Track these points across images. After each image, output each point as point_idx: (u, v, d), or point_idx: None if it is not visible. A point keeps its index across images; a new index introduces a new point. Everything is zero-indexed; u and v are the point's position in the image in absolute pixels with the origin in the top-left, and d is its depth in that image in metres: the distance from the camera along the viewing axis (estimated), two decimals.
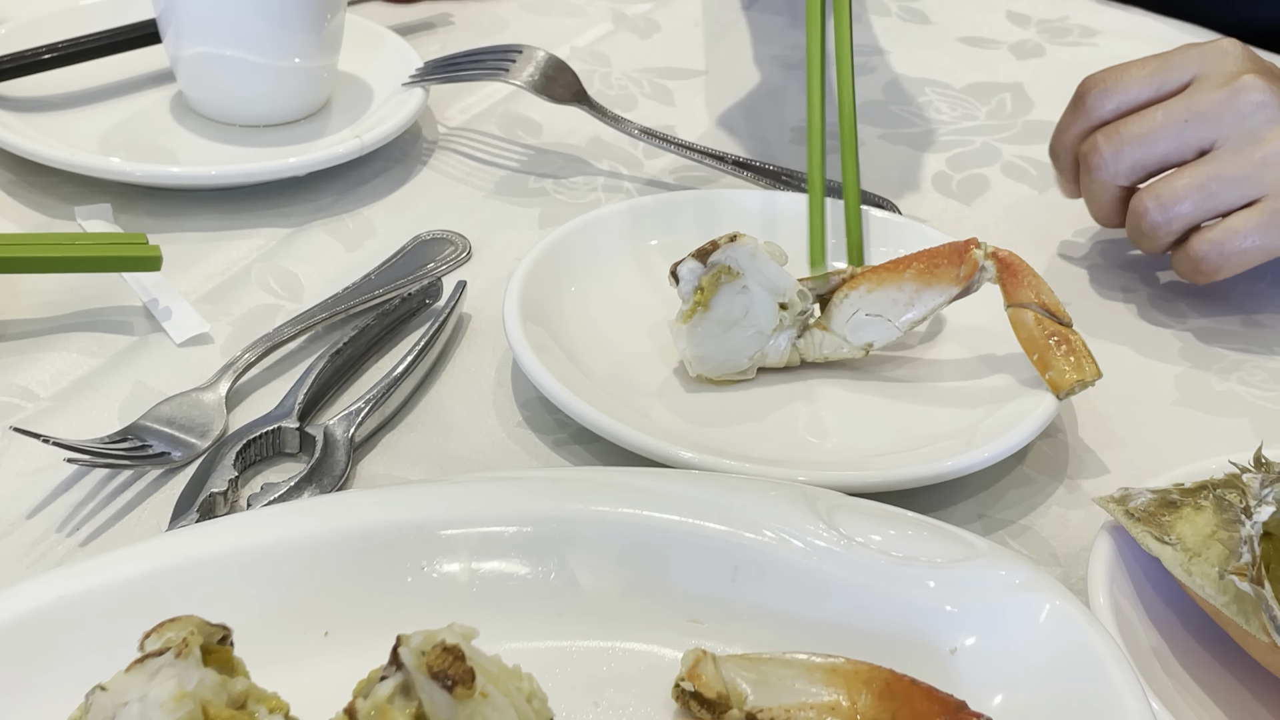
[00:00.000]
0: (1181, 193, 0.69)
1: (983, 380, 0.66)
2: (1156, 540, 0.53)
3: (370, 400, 0.62)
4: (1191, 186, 0.69)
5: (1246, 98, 0.69)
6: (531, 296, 0.66)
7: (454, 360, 0.67)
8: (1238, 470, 0.53)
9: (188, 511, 0.56)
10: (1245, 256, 0.69)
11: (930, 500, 0.61)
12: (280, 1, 0.78)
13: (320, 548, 0.51)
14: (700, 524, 0.53)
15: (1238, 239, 0.69)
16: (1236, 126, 0.69)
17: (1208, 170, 0.69)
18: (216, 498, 0.57)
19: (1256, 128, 0.68)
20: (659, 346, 0.67)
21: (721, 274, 0.63)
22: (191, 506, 0.56)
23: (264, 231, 0.75)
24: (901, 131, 0.89)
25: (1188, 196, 0.69)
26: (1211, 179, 0.69)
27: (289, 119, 0.82)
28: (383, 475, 0.61)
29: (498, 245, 0.76)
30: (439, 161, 0.83)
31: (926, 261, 0.65)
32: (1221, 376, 0.70)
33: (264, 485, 0.58)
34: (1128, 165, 0.71)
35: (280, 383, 0.65)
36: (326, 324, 0.67)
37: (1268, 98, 0.69)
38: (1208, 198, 0.69)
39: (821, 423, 0.64)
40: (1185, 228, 0.70)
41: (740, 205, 0.74)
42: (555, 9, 1.01)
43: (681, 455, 0.58)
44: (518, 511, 0.53)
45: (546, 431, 0.63)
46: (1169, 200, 0.70)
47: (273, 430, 0.60)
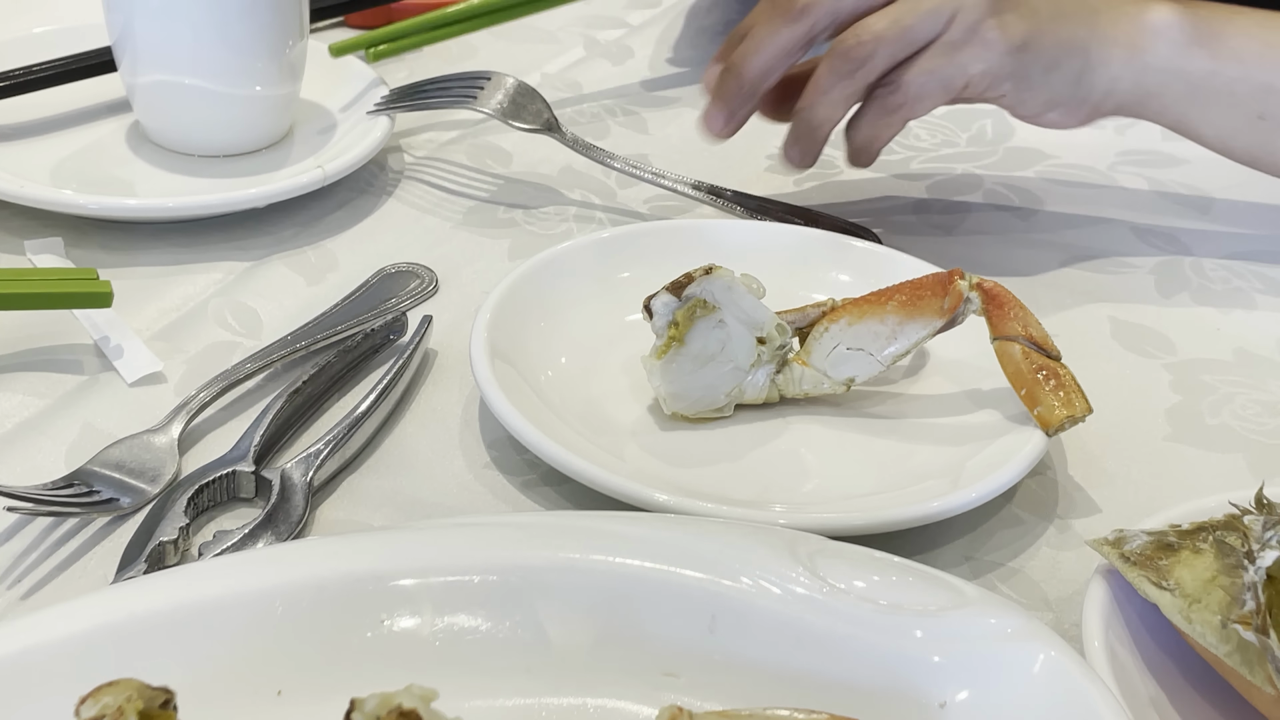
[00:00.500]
0: (879, 25, 0.70)
1: (969, 416, 0.63)
2: (1154, 585, 0.50)
3: (330, 441, 0.59)
4: (890, 20, 0.70)
5: None
6: (500, 331, 0.64)
7: (419, 399, 0.65)
8: (1238, 511, 0.51)
9: (135, 561, 0.53)
10: (925, 89, 0.70)
11: (916, 542, 0.59)
12: (240, 28, 0.76)
13: (273, 601, 0.48)
14: (676, 571, 0.50)
15: (915, 74, 0.70)
16: None
17: (902, 6, 0.70)
18: (166, 546, 0.54)
19: None
20: (633, 383, 0.64)
21: (697, 308, 0.61)
22: (140, 556, 0.54)
23: (222, 265, 0.73)
24: (881, 159, 0.86)
25: (888, 29, 0.70)
26: (907, 12, 0.70)
27: (249, 149, 0.79)
28: (343, 520, 0.58)
29: (465, 278, 0.73)
30: (405, 192, 0.80)
31: (909, 293, 0.63)
32: (1214, 410, 0.68)
33: (217, 533, 0.55)
34: (825, 13, 0.71)
35: (236, 424, 0.62)
36: (285, 361, 0.65)
37: None
38: (903, 31, 0.70)
39: (802, 462, 0.62)
40: (888, 62, 0.70)
41: (716, 236, 0.72)
42: (526, 35, 0.99)
43: (656, 497, 0.56)
44: (483, 560, 0.50)
45: (515, 473, 0.61)
46: (867, 35, 0.70)
47: (227, 474, 0.58)
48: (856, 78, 0.71)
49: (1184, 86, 0.74)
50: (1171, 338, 0.73)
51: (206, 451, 0.60)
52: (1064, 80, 0.73)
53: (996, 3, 0.71)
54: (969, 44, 0.70)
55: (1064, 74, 0.73)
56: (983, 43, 0.70)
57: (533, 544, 0.51)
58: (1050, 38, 0.72)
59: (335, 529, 0.57)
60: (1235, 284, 0.77)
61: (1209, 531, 0.51)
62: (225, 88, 0.77)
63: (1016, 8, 0.71)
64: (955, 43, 0.70)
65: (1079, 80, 0.73)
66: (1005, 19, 0.71)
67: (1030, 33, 0.71)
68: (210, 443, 0.61)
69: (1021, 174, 0.86)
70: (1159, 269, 0.78)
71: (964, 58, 0.70)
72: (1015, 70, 0.71)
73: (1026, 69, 0.72)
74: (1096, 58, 0.73)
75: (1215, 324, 0.74)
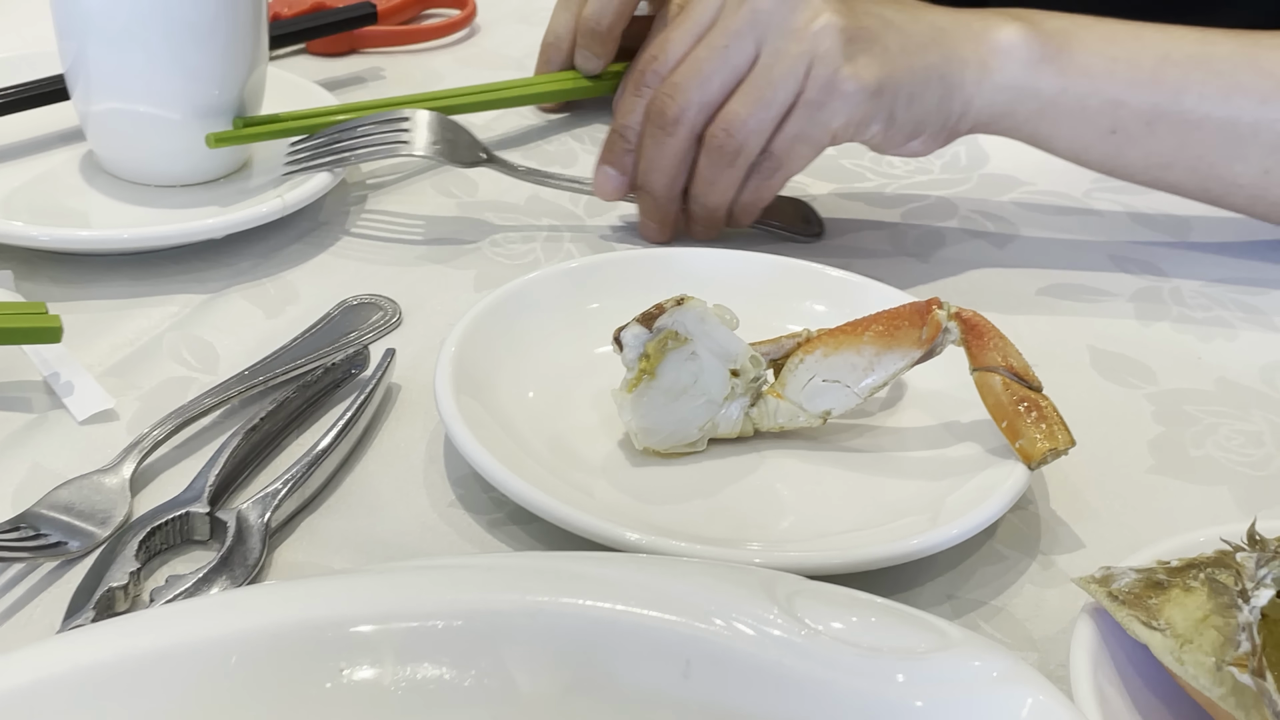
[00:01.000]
0: (742, 114, 0.71)
1: (948, 450, 0.62)
2: (1144, 625, 0.49)
3: (289, 480, 0.57)
4: (750, 100, 0.71)
5: (759, 5, 0.71)
6: (465, 365, 0.62)
7: (381, 435, 0.63)
8: (1230, 548, 0.49)
9: (83, 609, 0.51)
10: (795, 152, 0.72)
11: (896, 580, 0.57)
12: (197, 55, 0.74)
13: (228, 650, 0.46)
14: (649, 615, 0.48)
15: (783, 142, 0.71)
16: (768, 28, 0.71)
17: (757, 80, 0.71)
18: (116, 592, 0.52)
19: (787, 26, 0.71)
20: (603, 418, 0.62)
21: (668, 339, 0.59)
22: (88, 603, 0.51)
23: (178, 298, 0.70)
24: (854, 187, 0.85)
25: (750, 114, 0.71)
26: (764, 86, 0.71)
27: (206, 178, 0.77)
28: (302, 563, 0.56)
29: (429, 310, 0.71)
30: (367, 222, 0.78)
31: (886, 323, 0.61)
32: (1197, 442, 0.66)
33: (169, 578, 0.53)
34: (695, 109, 0.72)
35: (191, 462, 0.60)
36: (243, 397, 0.63)
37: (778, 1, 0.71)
38: (767, 106, 0.71)
39: (778, 498, 0.60)
40: (761, 144, 0.72)
41: (687, 265, 0.70)
42: (491, 60, 0.97)
43: (627, 537, 0.54)
44: (448, 604, 0.48)
45: (481, 511, 0.59)
46: (736, 124, 0.71)
47: (180, 516, 0.55)
48: (737, 165, 0.73)
49: (1035, 104, 0.74)
50: (1152, 367, 0.71)
51: (159, 492, 0.58)
52: (925, 109, 0.73)
53: (848, 48, 0.70)
54: (828, 100, 0.71)
55: (925, 103, 0.73)
56: (840, 95, 0.70)
57: (499, 587, 0.49)
58: (905, 73, 0.72)
59: (293, 572, 0.55)
60: (1216, 311, 0.75)
61: (1200, 568, 0.50)
62: (181, 116, 0.75)
63: (868, 49, 0.71)
64: (814, 102, 0.71)
65: (938, 107, 0.73)
66: (858, 65, 0.70)
67: (884, 74, 0.71)
68: (163, 483, 0.59)
69: (997, 200, 0.85)
70: (1138, 296, 0.76)
71: (825, 115, 0.71)
72: (877, 113, 0.72)
73: (888, 108, 0.72)
74: (953, 81, 0.73)
75: (1196, 353, 0.72)
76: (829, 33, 0.70)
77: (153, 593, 0.52)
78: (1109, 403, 0.69)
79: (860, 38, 0.71)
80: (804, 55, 0.70)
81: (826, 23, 0.70)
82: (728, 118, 0.72)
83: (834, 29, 0.70)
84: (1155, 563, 0.52)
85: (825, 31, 0.70)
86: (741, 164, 0.73)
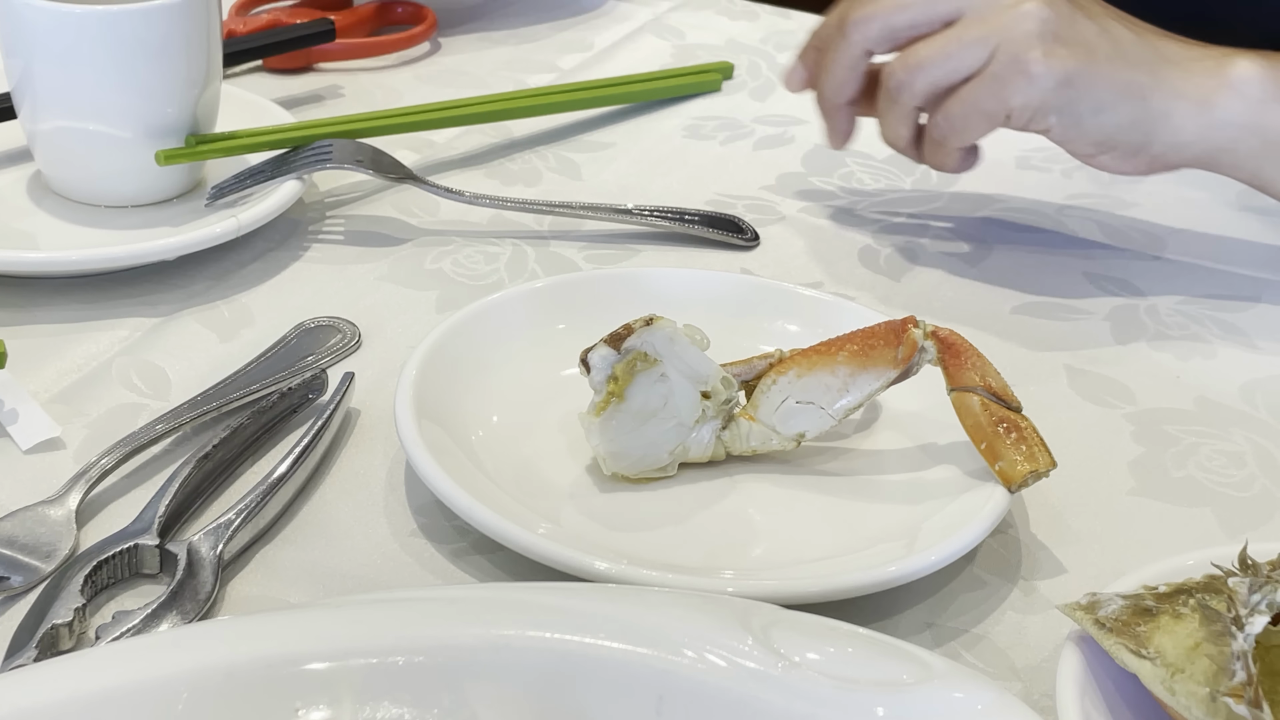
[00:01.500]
0: (922, 53, 0.72)
1: (926, 473, 0.60)
2: (1132, 654, 0.47)
3: (243, 510, 0.55)
4: (932, 48, 0.72)
5: None
6: (427, 389, 0.60)
7: (340, 462, 0.61)
8: (1220, 573, 0.47)
9: (25, 647, 0.49)
10: (968, 120, 0.72)
11: (874, 608, 0.55)
12: (148, 72, 0.72)
13: (177, 690, 0.44)
14: (619, 648, 0.46)
15: (959, 104, 0.71)
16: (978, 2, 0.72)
17: (947, 34, 0.71)
18: (60, 630, 0.49)
19: (995, 2, 0.71)
20: (569, 442, 0.60)
21: (637, 361, 0.57)
22: (30, 641, 0.49)
23: (128, 322, 0.68)
24: (823, 204, 0.83)
25: (928, 56, 0.72)
26: (950, 39, 0.71)
27: (158, 199, 0.75)
28: (256, 597, 0.54)
29: (390, 332, 0.69)
30: (325, 243, 0.76)
31: (861, 343, 0.60)
32: (1178, 463, 0.65)
33: (116, 614, 0.51)
34: (878, 28, 0.74)
35: (140, 493, 0.57)
36: (195, 424, 0.60)
37: None
38: (946, 57, 0.71)
39: (751, 524, 0.58)
40: (928, 89, 0.72)
41: (655, 286, 0.68)
42: (454, 79, 0.95)
43: (596, 566, 0.52)
44: (410, 639, 0.46)
45: (444, 541, 0.57)
46: (912, 61, 0.72)
47: (129, 548, 0.53)
48: (900, 103, 0.73)
49: (1258, 142, 0.73)
50: (1130, 386, 0.70)
51: (107, 524, 0.56)
52: (1116, 124, 0.72)
53: (1047, 34, 0.70)
54: (1012, 76, 0.70)
55: (1116, 117, 0.71)
56: (1025, 75, 0.70)
57: (463, 620, 0.47)
58: (1102, 79, 0.71)
59: (247, 607, 0.53)
60: (1192, 329, 0.74)
61: (1189, 594, 0.48)
62: (131, 134, 0.73)
63: (1069, 42, 0.70)
64: (997, 75, 0.70)
65: (1134, 127, 0.72)
66: (1052, 51, 0.70)
67: (1078, 69, 0.70)
68: (111, 514, 0.57)
69: (969, 218, 0.83)
70: (1114, 314, 0.75)
71: (1006, 90, 0.70)
72: (1059, 105, 0.71)
73: (1072, 105, 0.71)
74: (1158, 109, 0.72)
75: (1174, 371, 0.71)
76: (1033, 17, 0.70)
77: (99, 630, 0.50)
78: (1087, 423, 0.67)
79: (1066, 32, 0.70)
80: (1001, 29, 0.70)
81: (1035, 8, 0.70)
82: (905, 54, 0.73)
83: (1038, 16, 0.70)
84: (1142, 588, 0.50)
85: (1030, 15, 0.70)
86: (905, 104, 0.73)
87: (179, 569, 0.52)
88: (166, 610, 0.51)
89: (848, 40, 0.75)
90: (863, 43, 0.74)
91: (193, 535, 0.54)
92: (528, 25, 1.04)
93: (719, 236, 0.78)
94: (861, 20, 0.74)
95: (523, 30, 1.03)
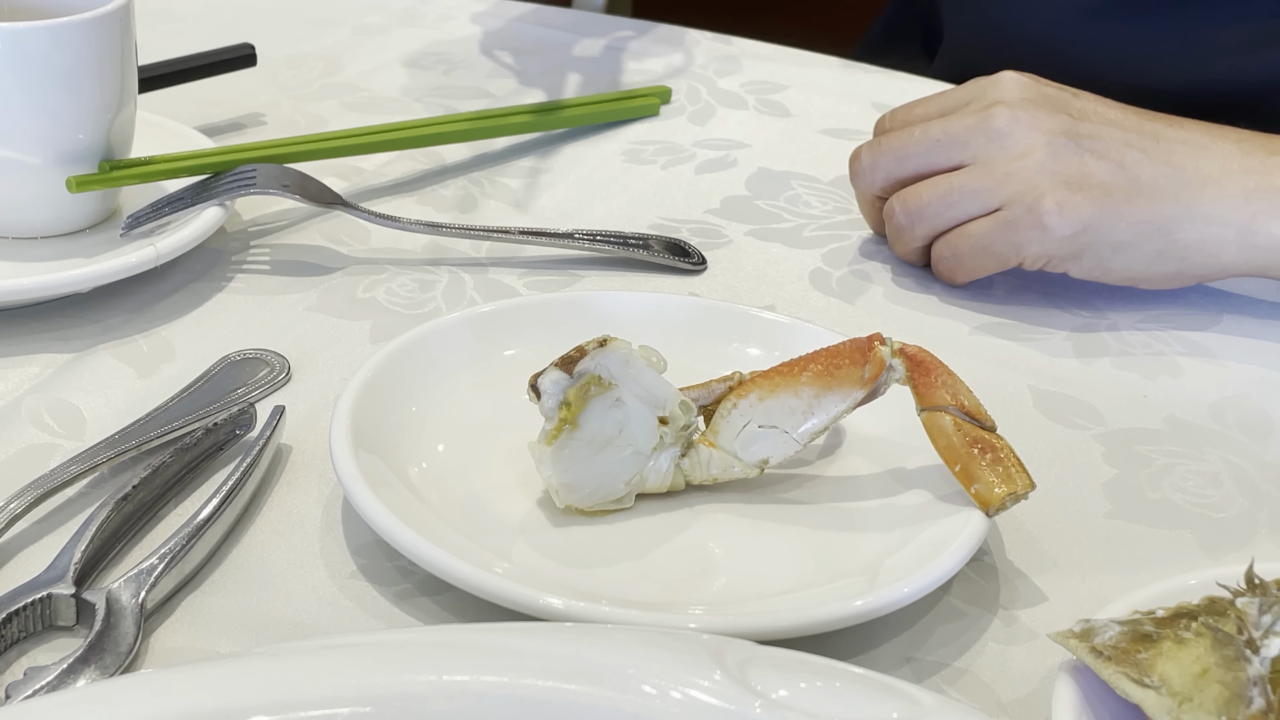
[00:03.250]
0: (925, 199, 0.73)
1: (898, 498, 0.57)
2: (1135, 683, 0.44)
3: (166, 555, 0.51)
4: (935, 194, 0.72)
5: (993, 124, 0.72)
6: (364, 421, 0.56)
7: (271, 501, 0.57)
8: (1227, 593, 0.44)
9: None
10: (976, 260, 0.72)
11: (848, 644, 0.52)
12: (59, 96, 0.68)
13: None
14: (584, 690, 0.43)
15: (969, 243, 0.72)
16: (984, 148, 0.72)
17: (951, 181, 0.72)
18: None
19: (1001, 150, 0.71)
20: (519, 474, 0.56)
21: (591, 385, 0.54)
22: None
23: (38, 359, 0.64)
24: (771, 227, 0.81)
25: (930, 203, 0.73)
26: (954, 189, 0.72)
27: (70, 229, 0.71)
28: (183, 648, 0.49)
29: (321, 364, 0.65)
30: (250, 272, 0.72)
31: (825, 363, 0.56)
32: (1153, 484, 0.62)
33: (28, 670, 0.46)
34: (881, 175, 0.75)
35: (54, 538, 0.53)
36: (113, 464, 0.56)
37: (1013, 125, 0.71)
38: (949, 206, 0.72)
39: (714, 557, 0.55)
40: (929, 233, 0.74)
41: (606, 309, 0.65)
42: (382, 106, 0.92)
43: (552, 604, 0.49)
44: (354, 688, 0.42)
45: (387, 583, 0.53)
46: (913, 205, 0.73)
47: (41, 598, 0.49)
48: (903, 240, 0.74)
49: None
50: (1098, 407, 0.67)
51: (18, 572, 0.52)
52: (1143, 260, 0.71)
53: (1059, 182, 0.69)
54: (1026, 227, 0.70)
55: (1141, 254, 0.71)
56: (1040, 227, 0.70)
57: (412, 666, 0.43)
58: (1122, 219, 0.70)
59: (174, 659, 0.49)
60: (1156, 347, 0.72)
61: (1191, 617, 0.45)
62: (41, 161, 0.68)
63: (1081, 187, 0.69)
64: (1010, 222, 0.70)
65: (1163, 259, 0.71)
66: (1066, 200, 0.69)
67: (1094, 214, 0.69)
68: (22, 562, 0.52)
69: None
70: (1076, 334, 0.72)
71: (1019, 238, 0.70)
72: (1076, 252, 0.71)
73: (1091, 250, 0.71)
74: (1190, 239, 0.70)
75: (1142, 391, 0.68)
76: (1044, 167, 0.70)
77: (9, 688, 0.46)
78: (1057, 445, 0.64)
79: (1077, 177, 0.70)
80: (1010, 178, 0.70)
81: (1045, 157, 0.70)
82: (906, 196, 0.73)
83: (1048, 166, 0.70)
84: (1138, 613, 0.47)
85: (1041, 165, 0.70)
86: (908, 241, 0.74)
87: (97, 620, 0.48)
88: (84, 665, 0.47)
89: (857, 186, 0.77)
90: (870, 190, 0.76)
91: (112, 583, 0.50)
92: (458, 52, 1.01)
93: (665, 260, 0.75)
94: (868, 169, 0.75)
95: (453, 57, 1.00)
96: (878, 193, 0.76)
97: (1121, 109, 0.73)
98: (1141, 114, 0.73)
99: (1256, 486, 0.62)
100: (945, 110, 0.74)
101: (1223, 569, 0.48)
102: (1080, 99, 0.73)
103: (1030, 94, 0.73)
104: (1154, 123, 0.72)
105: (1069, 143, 0.70)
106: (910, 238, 0.74)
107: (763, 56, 1.03)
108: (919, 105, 0.76)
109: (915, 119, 0.75)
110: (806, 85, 0.99)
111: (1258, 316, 0.75)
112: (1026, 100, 0.72)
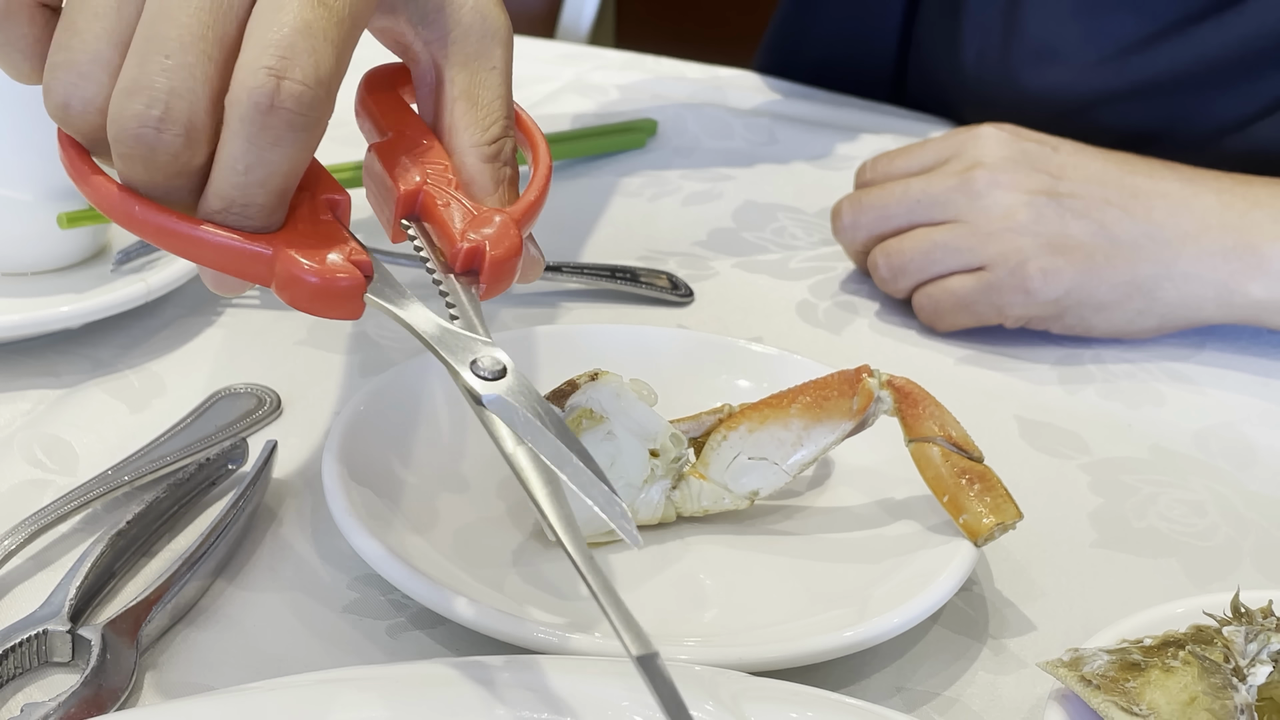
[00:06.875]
0: (907, 254, 0.73)
1: (887, 529, 0.57)
2: (1124, 711, 0.44)
3: (161, 590, 0.51)
4: (918, 250, 0.73)
5: (974, 187, 0.72)
6: (357, 454, 0.56)
7: (264, 535, 0.57)
8: (1214, 622, 0.45)
9: None
10: (957, 316, 0.73)
11: (839, 674, 0.52)
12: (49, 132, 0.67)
13: None
14: None
15: (951, 299, 0.73)
16: (965, 209, 0.72)
17: (934, 237, 0.73)
18: None
19: (984, 211, 0.72)
20: (510, 506, 0.57)
21: (582, 418, 0.54)
22: None
23: (30, 394, 0.64)
24: (757, 259, 0.81)
25: (913, 259, 0.73)
26: (937, 245, 0.73)
27: (61, 265, 0.71)
28: (177, 684, 0.49)
29: (313, 398, 0.65)
30: (240, 307, 0.72)
31: (813, 394, 0.57)
32: (1139, 513, 0.63)
33: (24, 706, 0.46)
34: (864, 232, 0.76)
35: (48, 575, 0.53)
36: (106, 500, 0.56)
37: (993, 189, 0.72)
38: (932, 262, 0.73)
39: (705, 588, 0.55)
40: (912, 285, 0.74)
41: (594, 343, 0.65)
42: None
43: (546, 637, 0.49)
44: None
45: (381, 616, 0.53)
46: (896, 260, 0.74)
47: (37, 634, 0.49)
48: (888, 288, 0.75)
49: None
50: (1083, 436, 0.68)
51: (12, 609, 0.52)
52: (1124, 318, 0.72)
53: (1041, 246, 0.70)
54: (1009, 290, 0.71)
55: (1123, 313, 0.72)
56: (1024, 291, 0.71)
57: (408, 699, 0.44)
58: (1103, 281, 0.71)
59: (169, 695, 0.49)
60: (1141, 378, 0.73)
61: (1178, 646, 0.46)
62: (33, 196, 0.68)
63: (1064, 249, 0.71)
64: (996, 284, 0.71)
65: (1143, 316, 0.72)
66: (1049, 265, 0.70)
67: (1076, 278, 0.71)
68: (17, 598, 0.52)
69: None
70: (1060, 364, 0.73)
71: (1002, 300, 0.72)
72: (1058, 314, 0.72)
73: (1074, 311, 0.72)
74: (1170, 297, 0.72)
75: (1126, 420, 0.69)
76: (1026, 231, 0.71)
77: None
78: (1043, 475, 0.65)
79: (1059, 239, 0.71)
80: (991, 241, 0.71)
81: (1027, 220, 0.71)
82: (889, 250, 0.74)
83: (1031, 229, 0.71)
84: (1125, 642, 0.48)
85: (1023, 228, 0.71)
86: (893, 291, 0.75)
87: (93, 656, 0.48)
88: (80, 701, 0.47)
89: (840, 240, 0.78)
90: (853, 245, 0.77)
91: (107, 619, 0.50)
92: None
93: (652, 293, 0.75)
94: (849, 227, 0.76)
95: None
96: (859, 248, 0.77)
97: (1103, 160, 0.73)
98: (1122, 164, 0.73)
99: (1241, 515, 0.63)
100: (926, 166, 0.75)
101: (1209, 597, 0.49)
102: (1060, 153, 0.73)
103: (1010, 151, 0.73)
104: (1133, 176, 0.72)
105: (1050, 202, 0.71)
106: (894, 289, 0.75)
107: (747, 87, 1.04)
108: (899, 157, 0.76)
109: (896, 173, 0.76)
110: (791, 116, 0.99)
111: (1240, 345, 0.76)
112: (1006, 160, 0.73)
